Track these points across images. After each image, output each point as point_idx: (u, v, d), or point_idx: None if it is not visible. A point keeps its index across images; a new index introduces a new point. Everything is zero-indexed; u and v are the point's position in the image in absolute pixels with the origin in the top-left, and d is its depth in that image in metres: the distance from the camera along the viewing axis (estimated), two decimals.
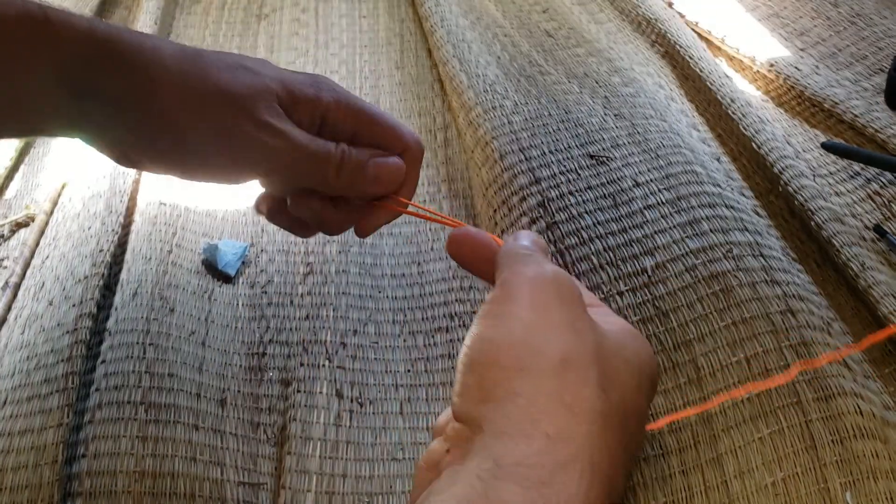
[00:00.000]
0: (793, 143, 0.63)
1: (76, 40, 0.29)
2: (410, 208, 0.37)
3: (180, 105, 0.29)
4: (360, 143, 0.35)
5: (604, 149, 0.59)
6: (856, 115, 0.61)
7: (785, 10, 0.76)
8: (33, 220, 0.61)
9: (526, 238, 0.29)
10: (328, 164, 0.32)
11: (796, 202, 0.53)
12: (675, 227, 0.51)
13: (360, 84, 0.75)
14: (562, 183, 0.56)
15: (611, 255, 0.50)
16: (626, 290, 0.49)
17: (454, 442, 0.24)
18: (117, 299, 0.50)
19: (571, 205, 0.54)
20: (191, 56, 0.30)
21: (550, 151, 0.58)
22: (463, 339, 0.35)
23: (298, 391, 0.47)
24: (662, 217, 0.52)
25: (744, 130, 0.60)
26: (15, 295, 0.55)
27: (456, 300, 0.55)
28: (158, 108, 0.29)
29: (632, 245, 0.51)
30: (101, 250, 0.53)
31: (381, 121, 0.36)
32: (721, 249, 0.49)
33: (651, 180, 0.55)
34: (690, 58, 0.69)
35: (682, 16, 0.77)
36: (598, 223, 0.52)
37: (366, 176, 0.33)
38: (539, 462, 0.21)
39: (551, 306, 0.24)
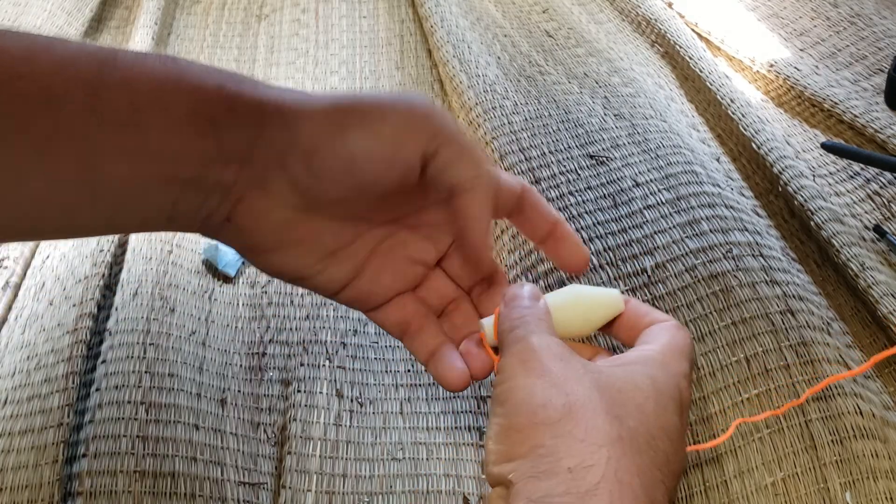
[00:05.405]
0: (792, 144, 0.63)
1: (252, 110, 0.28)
2: None
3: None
4: None
5: (604, 149, 0.59)
6: (855, 115, 0.61)
7: (784, 11, 0.76)
8: None
9: (514, 306, 0.31)
10: (487, 165, 0.31)
11: (796, 202, 0.53)
12: (674, 227, 0.51)
13: (361, 84, 0.75)
14: (562, 183, 0.56)
15: (611, 255, 0.50)
16: (626, 290, 0.49)
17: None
18: (118, 299, 0.50)
19: (571, 205, 0.54)
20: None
21: (550, 152, 0.58)
22: None
23: (298, 391, 0.47)
24: (662, 217, 0.52)
25: (743, 130, 0.60)
26: (15, 295, 0.55)
27: None
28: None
29: (631, 245, 0.51)
30: (101, 250, 0.53)
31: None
32: (721, 249, 0.49)
33: (651, 180, 0.55)
34: (690, 58, 0.69)
35: (681, 16, 0.77)
36: (598, 223, 0.52)
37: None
38: (566, 490, 0.24)
39: (542, 369, 0.28)
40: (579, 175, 0.56)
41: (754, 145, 0.58)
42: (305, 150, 0.29)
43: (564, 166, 0.57)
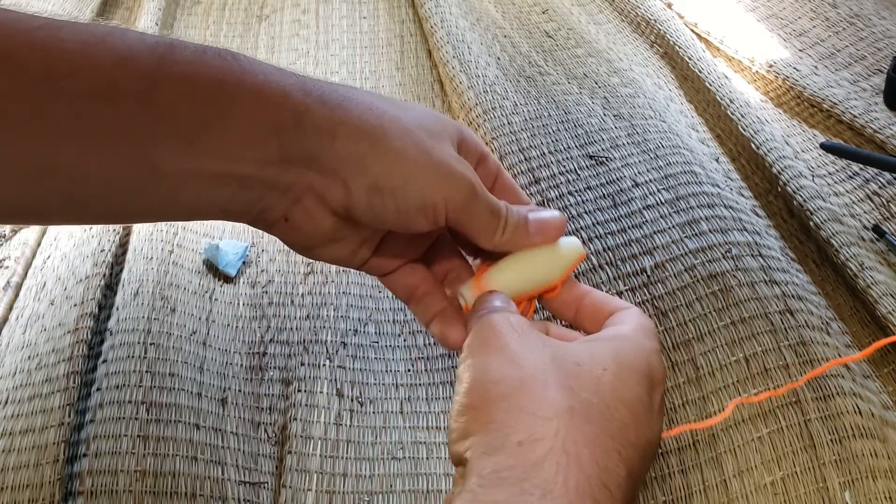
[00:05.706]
0: (792, 144, 0.63)
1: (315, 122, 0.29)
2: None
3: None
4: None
5: (603, 149, 0.59)
6: (855, 116, 0.61)
7: (784, 11, 0.76)
8: None
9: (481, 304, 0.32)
10: (499, 218, 0.32)
11: (795, 202, 0.53)
12: (674, 227, 0.51)
13: (361, 85, 0.75)
14: (561, 183, 0.56)
15: (610, 255, 0.51)
16: (626, 290, 0.49)
17: (457, 484, 0.27)
18: (118, 299, 0.50)
19: (571, 205, 0.54)
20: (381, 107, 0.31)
21: (550, 152, 0.58)
22: None
23: (299, 390, 0.47)
24: (661, 217, 0.52)
25: (742, 131, 0.60)
26: (16, 295, 0.55)
27: None
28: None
29: (631, 245, 0.51)
30: (102, 250, 0.53)
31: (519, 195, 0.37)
32: (720, 249, 0.49)
33: (650, 180, 0.55)
34: (689, 58, 0.69)
35: (681, 16, 0.77)
36: (598, 223, 0.52)
37: (528, 231, 0.34)
38: (514, 464, 0.24)
39: (499, 345, 0.28)
40: (579, 175, 0.56)
41: (753, 145, 0.59)
42: (368, 185, 0.29)
43: (564, 166, 0.57)
